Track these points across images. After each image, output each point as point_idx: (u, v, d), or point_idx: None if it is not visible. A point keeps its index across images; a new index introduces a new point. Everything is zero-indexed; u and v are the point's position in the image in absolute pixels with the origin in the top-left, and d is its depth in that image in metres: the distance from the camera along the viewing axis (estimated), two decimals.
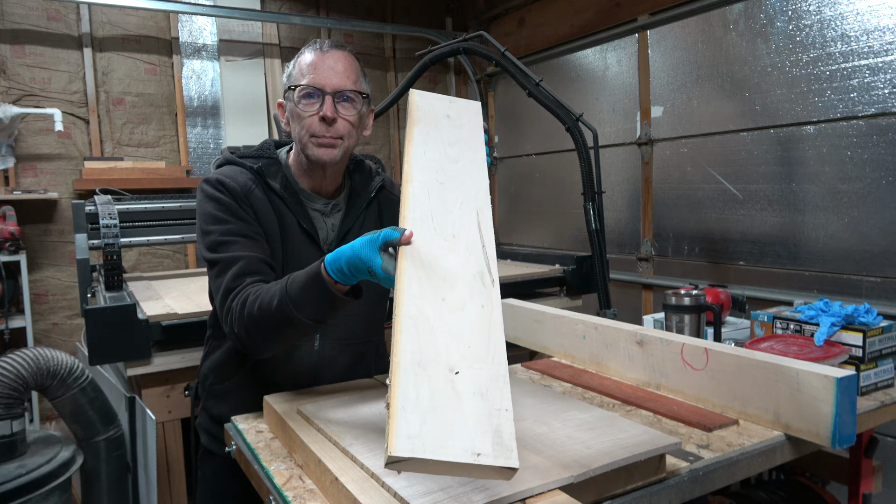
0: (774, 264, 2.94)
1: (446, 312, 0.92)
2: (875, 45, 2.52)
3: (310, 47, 1.41)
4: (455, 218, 1.07)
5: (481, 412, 0.81)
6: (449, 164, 1.18)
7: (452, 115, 1.30)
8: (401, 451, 0.75)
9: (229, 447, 1.28)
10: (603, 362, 1.54)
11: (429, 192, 1.10)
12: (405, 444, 0.76)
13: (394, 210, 1.59)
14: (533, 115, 4.27)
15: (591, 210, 2.69)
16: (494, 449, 0.77)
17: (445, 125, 1.27)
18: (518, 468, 0.76)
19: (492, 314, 0.93)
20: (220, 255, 1.34)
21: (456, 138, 1.24)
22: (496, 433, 0.79)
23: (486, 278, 0.97)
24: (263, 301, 1.21)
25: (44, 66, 3.78)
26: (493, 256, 1.02)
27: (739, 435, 1.16)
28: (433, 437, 0.77)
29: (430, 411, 0.80)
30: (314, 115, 1.36)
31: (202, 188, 1.41)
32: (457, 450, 0.76)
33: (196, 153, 4.28)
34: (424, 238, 1.02)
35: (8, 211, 3.45)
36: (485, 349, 0.88)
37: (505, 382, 0.85)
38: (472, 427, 0.79)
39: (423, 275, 0.96)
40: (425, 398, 0.81)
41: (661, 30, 3.43)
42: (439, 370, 0.85)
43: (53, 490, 1.77)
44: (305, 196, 1.46)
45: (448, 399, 0.82)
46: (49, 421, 3.71)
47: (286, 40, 4.53)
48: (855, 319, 1.44)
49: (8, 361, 1.81)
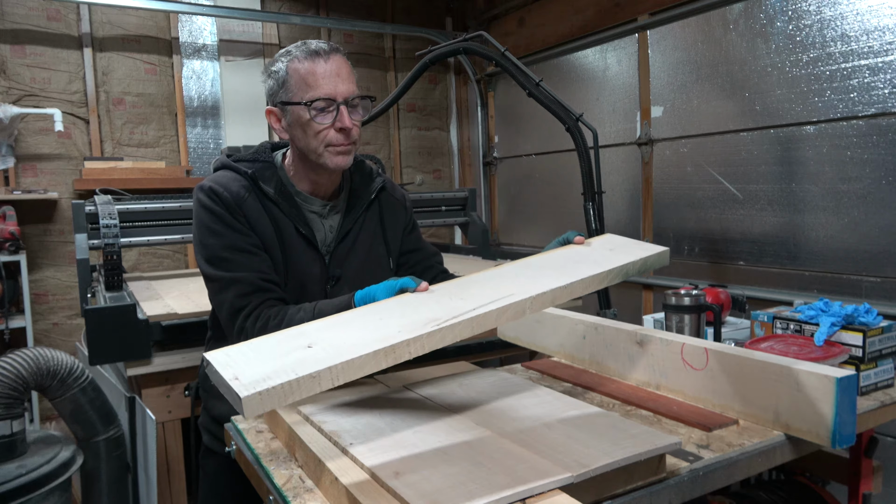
0: (774, 264, 2.94)
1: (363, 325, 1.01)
2: (875, 45, 2.52)
3: (302, 53, 1.36)
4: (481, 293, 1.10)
5: (283, 365, 0.88)
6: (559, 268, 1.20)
7: (616, 247, 1.29)
8: (209, 356, 0.92)
9: (229, 447, 1.28)
10: (603, 362, 1.54)
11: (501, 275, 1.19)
12: (217, 354, 0.92)
13: (394, 212, 1.59)
14: (533, 115, 4.27)
15: (591, 210, 2.69)
16: (249, 383, 0.84)
17: (603, 248, 1.27)
18: (242, 398, 0.81)
19: (398, 337, 0.96)
20: (219, 273, 1.35)
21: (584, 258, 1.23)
22: (266, 377, 0.85)
23: (431, 323, 0.99)
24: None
25: (44, 66, 3.79)
26: (467, 315, 1.02)
27: (739, 435, 1.16)
28: (233, 360, 0.90)
29: (257, 350, 0.94)
30: (330, 127, 1.35)
31: (197, 196, 1.41)
32: (229, 372, 0.87)
33: (196, 153, 4.28)
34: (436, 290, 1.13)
35: (8, 211, 3.45)
36: (350, 349, 0.92)
37: (334, 374, 0.89)
38: (261, 366, 0.88)
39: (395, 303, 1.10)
40: (268, 345, 0.95)
41: (661, 30, 3.43)
42: (303, 340, 0.96)
43: (53, 490, 1.77)
44: (302, 198, 1.46)
45: (277, 353, 0.92)
46: (49, 421, 3.71)
47: (286, 40, 4.53)
48: (855, 319, 1.44)
49: (8, 361, 1.81)
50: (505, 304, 1.01)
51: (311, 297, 1.45)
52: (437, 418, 1.12)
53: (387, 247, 1.57)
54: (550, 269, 1.15)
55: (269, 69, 1.40)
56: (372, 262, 1.53)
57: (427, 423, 1.10)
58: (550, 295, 1.05)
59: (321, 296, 1.46)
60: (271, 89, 1.39)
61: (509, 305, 1.02)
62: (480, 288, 1.10)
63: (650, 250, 1.24)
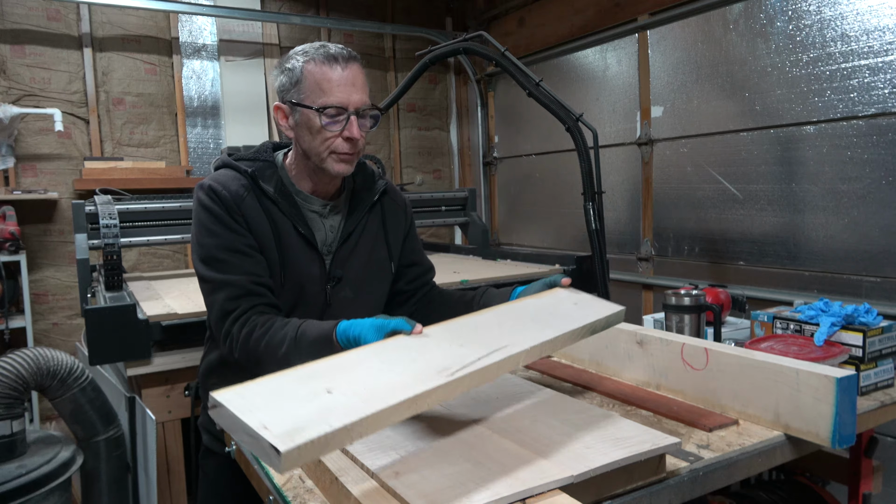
0: (774, 264, 2.94)
1: (377, 370, 0.97)
2: (875, 45, 2.52)
3: (320, 56, 1.35)
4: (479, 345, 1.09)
5: (311, 413, 0.82)
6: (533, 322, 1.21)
7: (580, 303, 1.33)
8: (219, 396, 0.84)
9: (229, 447, 1.28)
10: (603, 362, 1.54)
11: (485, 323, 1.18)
12: (228, 395, 0.84)
13: (396, 216, 1.60)
14: (533, 115, 4.27)
15: (591, 210, 2.69)
16: (283, 433, 0.77)
17: (568, 302, 1.32)
18: (281, 452, 0.74)
19: (417, 386, 0.92)
20: (213, 274, 1.36)
21: (563, 313, 1.26)
22: (300, 428, 0.78)
23: (444, 373, 0.96)
24: (271, 343, 1.28)
25: (44, 66, 3.78)
26: (480, 364, 1.01)
27: (739, 435, 1.16)
28: (252, 404, 0.83)
29: (275, 392, 0.87)
30: (338, 135, 1.35)
31: (197, 194, 1.41)
32: (254, 419, 0.79)
33: (196, 153, 4.28)
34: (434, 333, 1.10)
35: (8, 211, 3.45)
36: (373, 397, 0.87)
37: (363, 425, 0.83)
38: (287, 413, 0.82)
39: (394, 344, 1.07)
40: (283, 386, 0.89)
41: (661, 30, 3.43)
42: (319, 383, 0.90)
43: (53, 490, 1.77)
44: (302, 198, 1.46)
45: (299, 397, 0.86)
46: (49, 421, 3.71)
47: (286, 40, 4.53)
48: (855, 319, 1.44)
49: (8, 361, 1.81)
50: (503, 356, 1.04)
51: (309, 297, 1.45)
52: (437, 418, 1.12)
53: (389, 250, 1.57)
54: (530, 320, 1.20)
55: (283, 65, 1.38)
56: (373, 265, 1.54)
57: (427, 423, 1.10)
58: (539, 348, 1.11)
59: (321, 296, 1.46)
60: (283, 86, 1.38)
61: (508, 358, 1.05)
62: (473, 333, 1.12)
63: (610, 308, 1.31)
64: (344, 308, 1.48)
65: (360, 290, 1.52)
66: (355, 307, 1.50)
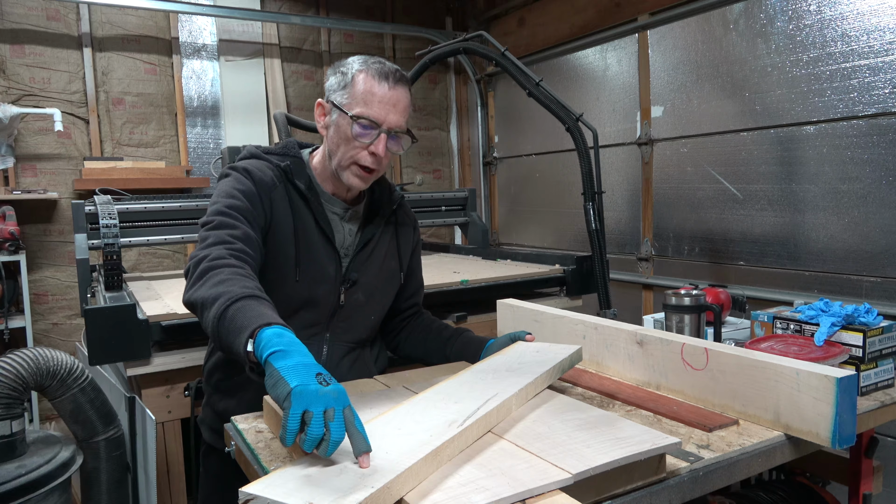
0: (774, 264, 2.94)
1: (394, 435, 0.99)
2: (875, 45, 2.52)
3: (374, 70, 1.37)
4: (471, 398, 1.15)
5: (347, 482, 0.83)
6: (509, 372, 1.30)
7: (541, 350, 1.43)
8: (250, 489, 0.82)
9: (229, 447, 1.28)
10: (603, 362, 1.54)
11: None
12: (259, 486, 0.83)
13: (406, 230, 1.64)
14: (533, 115, 4.27)
15: (591, 210, 2.68)
16: (333, 501, 0.78)
17: (530, 351, 1.43)
18: None
19: (434, 441, 0.95)
20: (206, 232, 1.31)
21: (531, 362, 1.35)
22: (344, 495, 0.80)
23: (453, 425, 1.01)
24: (207, 287, 1.18)
25: (43, 66, 3.78)
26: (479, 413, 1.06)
27: (739, 435, 1.16)
28: (286, 489, 0.82)
29: (301, 475, 0.87)
30: (365, 148, 1.37)
31: (226, 173, 1.43)
32: (298, 499, 0.79)
33: (196, 153, 4.28)
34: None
35: (8, 211, 3.45)
36: (402, 456, 0.90)
37: (401, 482, 0.85)
38: (326, 486, 0.82)
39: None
40: (303, 469, 0.89)
41: (661, 30, 3.43)
42: (339, 458, 0.90)
43: (53, 490, 1.77)
44: (326, 198, 1.49)
45: (327, 473, 0.87)
46: (49, 421, 3.71)
47: (286, 40, 4.53)
48: (855, 319, 1.44)
49: (8, 361, 1.81)
50: (499, 402, 1.10)
51: (322, 296, 1.47)
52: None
53: (399, 262, 1.62)
54: (506, 371, 1.29)
55: (339, 68, 1.41)
56: (385, 273, 1.58)
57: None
58: (524, 391, 1.18)
59: (333, 296, 1.49)
60: (332, 85, 1.41)
61: (503, 403, 1.11)
62: (462, 390, 1.19)
63: (570, 349, 1.41)
64: (354, 311, 1.52)
65: (371, 296, 1.55)
66: (365, 312, 1.55)
